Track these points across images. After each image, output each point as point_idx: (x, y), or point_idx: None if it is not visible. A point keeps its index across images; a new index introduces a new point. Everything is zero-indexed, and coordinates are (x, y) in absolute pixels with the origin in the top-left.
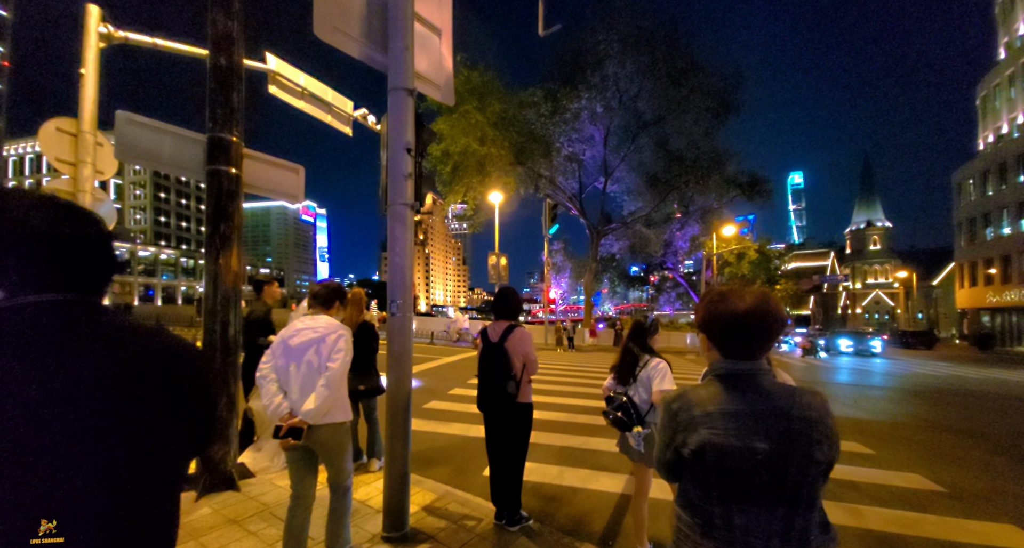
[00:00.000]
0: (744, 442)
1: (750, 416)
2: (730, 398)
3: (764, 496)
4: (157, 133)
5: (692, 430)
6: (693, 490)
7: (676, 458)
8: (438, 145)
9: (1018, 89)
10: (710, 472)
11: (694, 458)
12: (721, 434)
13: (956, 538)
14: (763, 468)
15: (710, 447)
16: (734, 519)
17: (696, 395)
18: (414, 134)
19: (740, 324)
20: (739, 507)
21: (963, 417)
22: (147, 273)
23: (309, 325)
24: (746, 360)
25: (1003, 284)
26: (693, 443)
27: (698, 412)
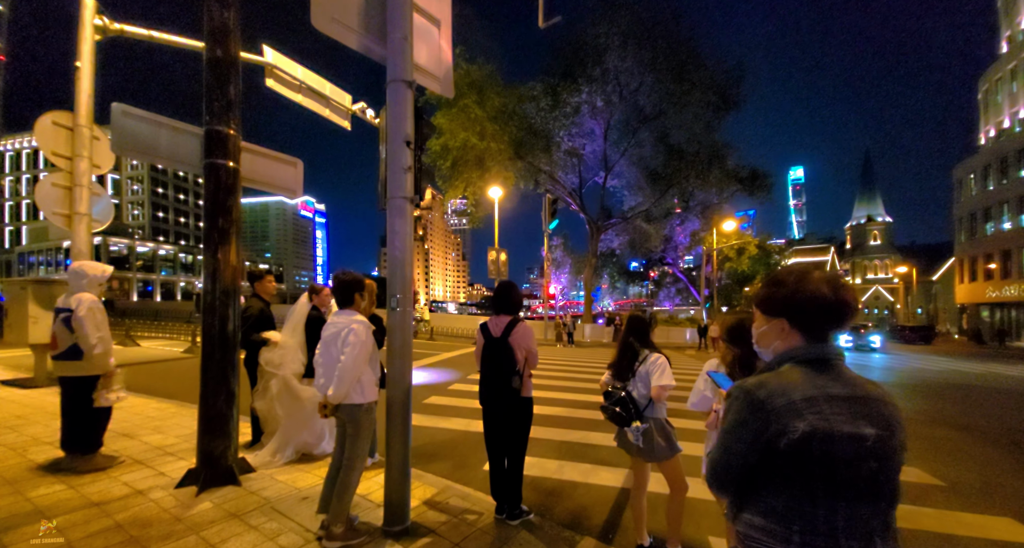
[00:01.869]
0: (854, 428)
1: (854, 400)
2: (827, 382)
3: (870, 489)
4: (153, 126)
5: (794, 417)
6: (784, 492)
7: (760, 458)
8: (437, 140)
9: (1020, 83)
10: (815, 465)
11: (795, 450)
12: (829, 420)
13: (954, 531)
14: (871, 456)
15: (818, 434)
16: (838, 519)
17: (785, 380)
18: (413, 127)
19: (836, 305)
20: (845, 504)
21: (961, 411)
22: (145, 269)
23: (334, 320)
24: (828, 343)
25: (1003, 279)
26: (796, 431)
27: (798, 397)
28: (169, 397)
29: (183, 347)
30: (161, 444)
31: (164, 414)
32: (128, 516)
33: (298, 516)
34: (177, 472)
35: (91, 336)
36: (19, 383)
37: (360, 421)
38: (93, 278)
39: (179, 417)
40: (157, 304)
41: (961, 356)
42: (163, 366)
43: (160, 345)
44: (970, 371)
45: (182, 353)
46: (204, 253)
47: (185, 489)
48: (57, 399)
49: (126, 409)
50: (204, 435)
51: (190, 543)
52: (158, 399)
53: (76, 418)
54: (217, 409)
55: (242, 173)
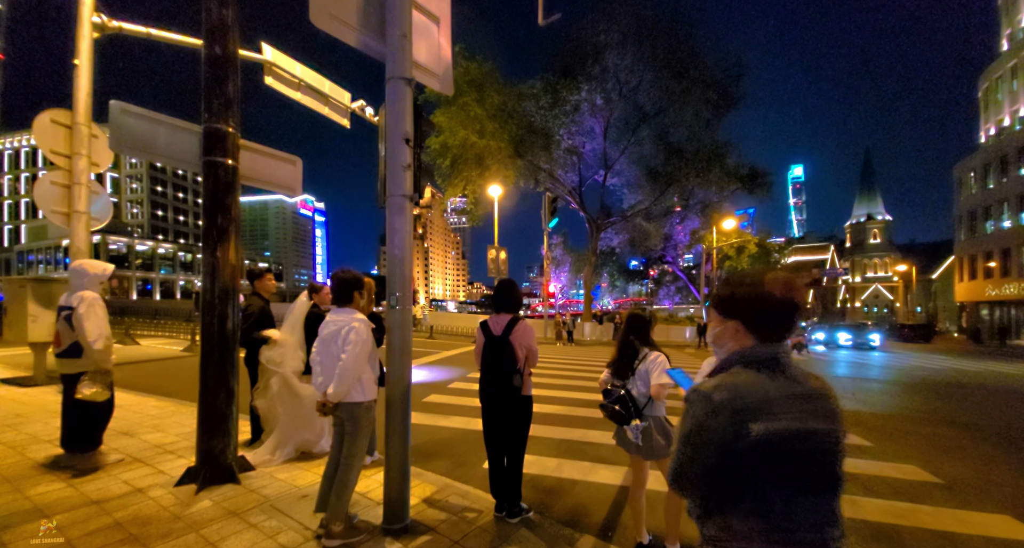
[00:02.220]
0: (805, 425)
1: (803, 398)
2: (779, 382)
3: (821, 481)
4: (152, 123)
5: (751, 419)
6: (745, 490)
7: (720, 460)
8: (437, 138)
9: (1020, 81)
10: (773, 463)
11: (754, 450)
12: (784, 419)
13: (952, 528)
14: (821, 451)
15: (775, 435)
16: (796, 513)
17: (742, 382)
18: (413, 124)
19: (787, 307)
20: (800, 498)
21: (959, 409)
22: (145, 267)
23: (333, 318)
24: (780, 343)
25: (1002, 277)
26: (755, 433)
27: (755, 399)
28: (168, 395)
29: (183, 346)
30: (160, 442)
31: (164, 412)
32: (127, 514)
33: (297, 514)
34: (176, 470)
35: (91, 332)
36: (18, 381)
37: (360, 419)
38: (94, 276)
39: (178, 415)
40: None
41: (960, 355)
42: (163, 365)
43: (160, 344)
44: (969, 369)
45: (182, 351)
46: (203, 251)
47: (184, 487)
48: (56, 397)
49: (126, 407)
50: (203, 433)
51: (189, 541)
52: (157, 397)
53: (77, 416)
54: (216, 407)
55: (241, 171)
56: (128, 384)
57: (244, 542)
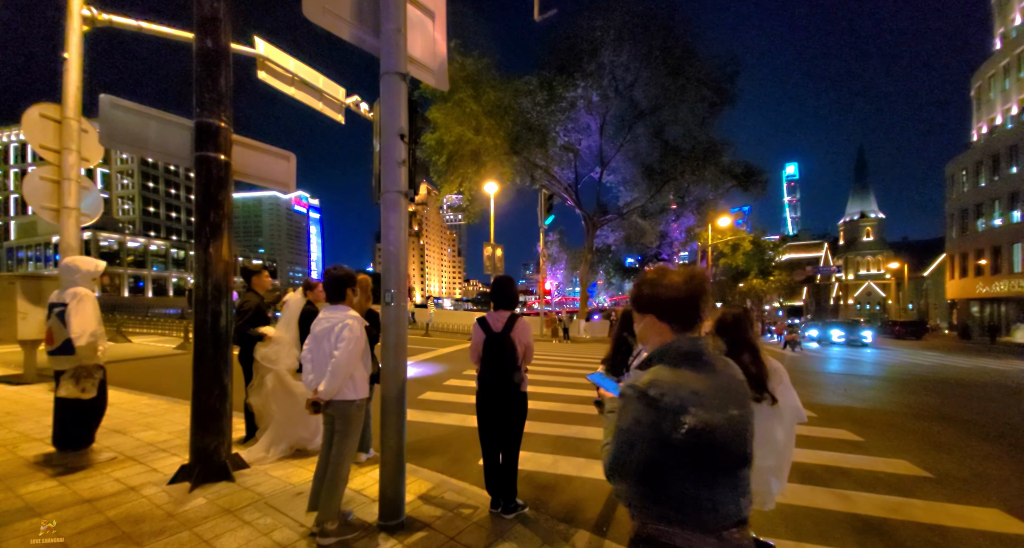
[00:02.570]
0: (727, 412)
1: (723, 387)
2: (703, 374)
3: (738, 461)
4: (142, 118)
5: (683, 411)
6: (677, 478)
7: (655, 451)
8: (432, 134)
9: (1013, 80)
10: (702, 450)
11: (687, 440)
12: (710, 409)
13: (942, 521)
14: (738, 433)
15: (704, 424)
16: (719, 493)
17: (671, 377)
18: (407, 120)
19: (698, 294)
20: (723, 478)
21: (949, 405)
22: (136, 264)
23: (326, 315)
24: (698, 335)
25: (993, 275)
26: (688, 423)
27: (684, 392)
28: (162, 393)
29: (176, 343)
30: (154, 440)
31: (156, 410)
32: (120, 512)
33: (293, 511)
34: (170, 468)
35: (75, 327)
36: (9, 380)
37: (351, 417)
38: (86, 273)
39: (172, 413)
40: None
41: (951, 351)
42: (155, 362)
43: (152, 341)
44: (959, 366)
45: (175, 349)
46: (195, 248)
47: (178, 485)
48: (47, 395)
49: (118, 405)
50: (197, 431)
51: (183, 539)
52: (150, 395)
53: (68, 414)
54: (210, 405)
55: (234, 166)
56: (121, 382)
57: (238, 540)
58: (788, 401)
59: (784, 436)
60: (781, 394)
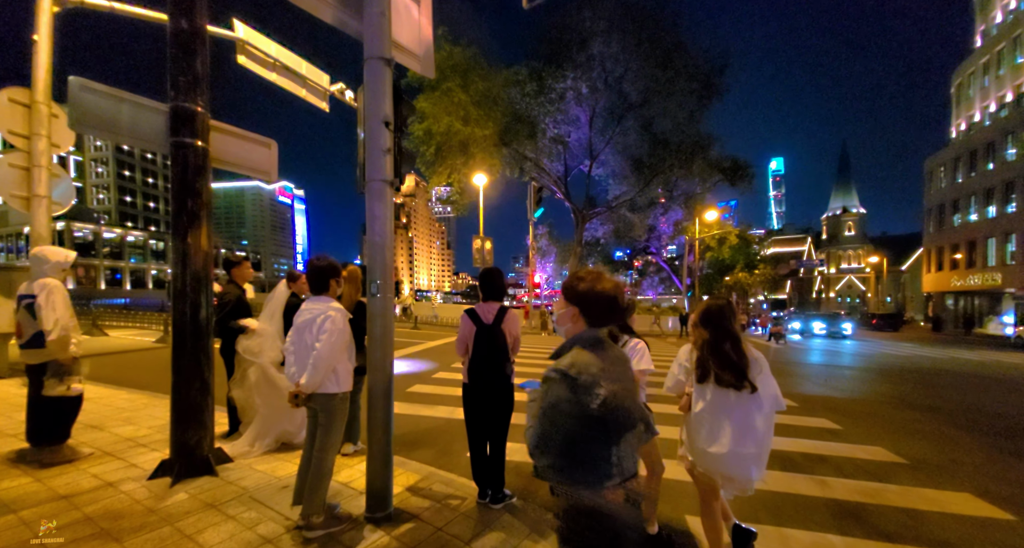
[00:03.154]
0: (623, 385)
1: (618, 365)
2: (605, 355)
3: (631, 423)
4: (114, 101)
5: (597, 385)
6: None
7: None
8: (420, 124)
9: (992, 77)
10: (610, 418)
11: (602, 409)
12: (614, 381)
13: (916, 506)
14: (632, 401)
15: (611, 396)
16: (621, 451)
17: (585, 360)
18: (392, 107)
19: (614, 300)
20: (622, 438)
21: (924, 394)
22: (113, 256)
23: (308, 307)
24: (604, 327)
25: (967, 268)
26: (601, 395)
27: (595, 370)
28: (141, 388)
29: (155, 337)
30: (133, 435)
31: (135, 405)
32: (98, 508)
33: (278, 505)
34: (150, 464)
35: (47, 320)
36: None
37: (334, 411)
38: (55, 264)
39: (151, 408)
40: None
41: (925, 343)
42: (134, 356)
43: (130, 335)
44: (934, 357)
45: (154, 343)
46: (172, 237)
47: (159, 480)
48: (17, 390)
49: (95, 400)
50: (178, 425)
51: (164, 534)
52: (128, 390)
53: (43, 409)
54: (191, 398)
55: (212, 153)
56: (97, 376)
57: (222, 534)
58: (768, 390)
59: (764, 424)
60: (761, 383)
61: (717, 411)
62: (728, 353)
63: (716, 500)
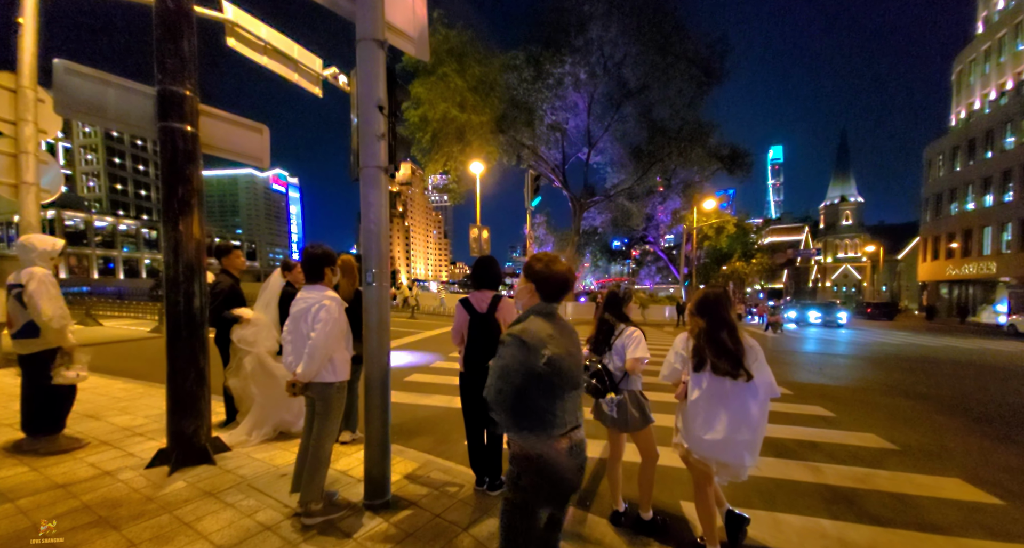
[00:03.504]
0: (567, 349)
1: (567, 335)
2: (555, 324)
3: (575, 383)
4: (100, 85)
5: (543, 347)
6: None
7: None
8: (416, 110)
9: (993, 64)
10: (554, 376)
11: (547, 367)
12: (559, 346)
13: (906, 490)
14: (575, 364)
15: (555, 356)
16: (565, 405)
17: (536, 327)
18: (386, 91)
19: (566, 281)
20: (567, 395)
21: (916, 381)
22: (105, 245)
23: (304, 296)
24: (556, 302)
25: (963, 257)
26: (546, 355)
27: (544, 335)
28: (136, 378)
29: (150, 326)
30: (129, 425)
31: (131, 395)
32: (96, 497)
33: (277, 493)
34: (147, 453)
35: (44, 310)
36: None
37: (331, 400)
38: (43, 251)
39: (147, 397)
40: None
41: (919, 331)
42: (129, 346)
43: (125, 324)
44: (928, 345)
45: (149, 332)
46: (163, 225)
47: (156, 469)
48: (13, 380)
49: (90, 390)
50: (174, 415)
51: (163, 522)
52: (124, 380)
53: (38, 399)
54: (186, 387)
55: (202, 139)
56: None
57: (221, 521)
58: (763, 377)
59: (758, 411)
60: (756, 371)
61: (713, 399)
62: (724, 342)
63: (710, 486)
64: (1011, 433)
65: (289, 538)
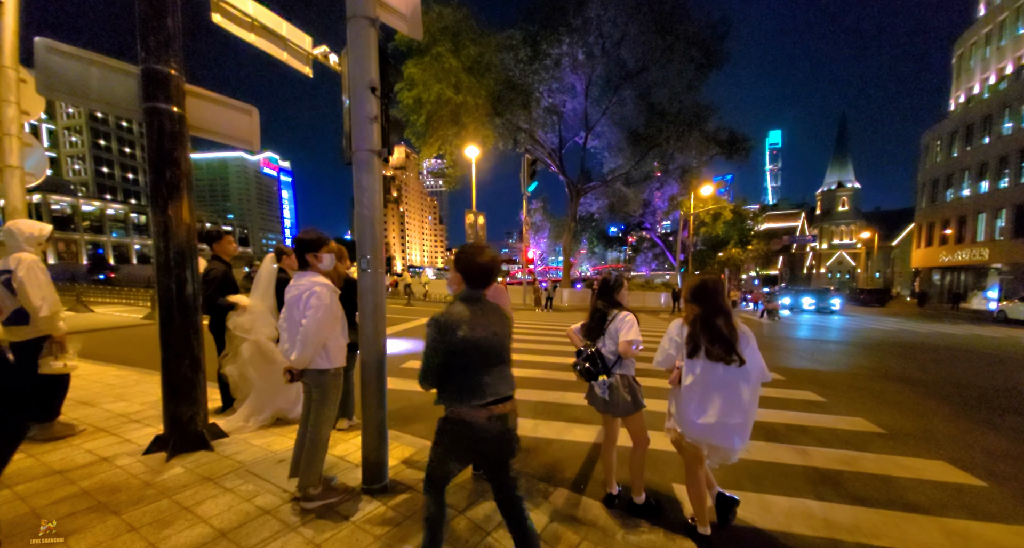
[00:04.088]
0: (484, 331)
1: (488, 316)
2: (476, 308)
3: (495, 359)
4: (83, 63)
5: (458, 328)
6: (457, 372)
7: (444, 358)
8: (410, 92)
9: (993, 48)
10: (469, 352)
11: (460, 345)
12: (475, 327)
13: (891, 472)
14: (494, 343)
15: (468, 336)
16: (483, 378)
17: (456, 310)
18: (379, 71)
19: (486, 269)
20: (484, 368)
21: (906, 367)
22: (94, 230)
23: (295, 282)
24: (480, 289)
25: (956, 244)
26: (459, 335)
27: (460, 318)
28: (131, 364)
29: (143, 313)
30: (125, 411)
31: (126, 382)
32: (94, 482)
33: (275, 478)
34: (144, 439)
35: (34, 297)
36: None
37: (326, 387)
38: (30, 237)
39: (143, 384)
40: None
41: (910, 317)
42: (122, 333)
43: (117, 311)
44: (918, 331)
45: (142, 319)
46: (152, 209)
47: (154, 455)
48: None
49: (84, 377)
50: (170, 401)
51: (163, 506)
52: (118, 367)
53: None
54: (182, 374)
55: (189, 120)
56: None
57: (220, 506)
58: (754, 362)
59: (750, 395)
60: (748, 356)
61: (707, 384)
62: (720, 328)
63: (701, 469)
64: (996, 418)
65: (288, 521)
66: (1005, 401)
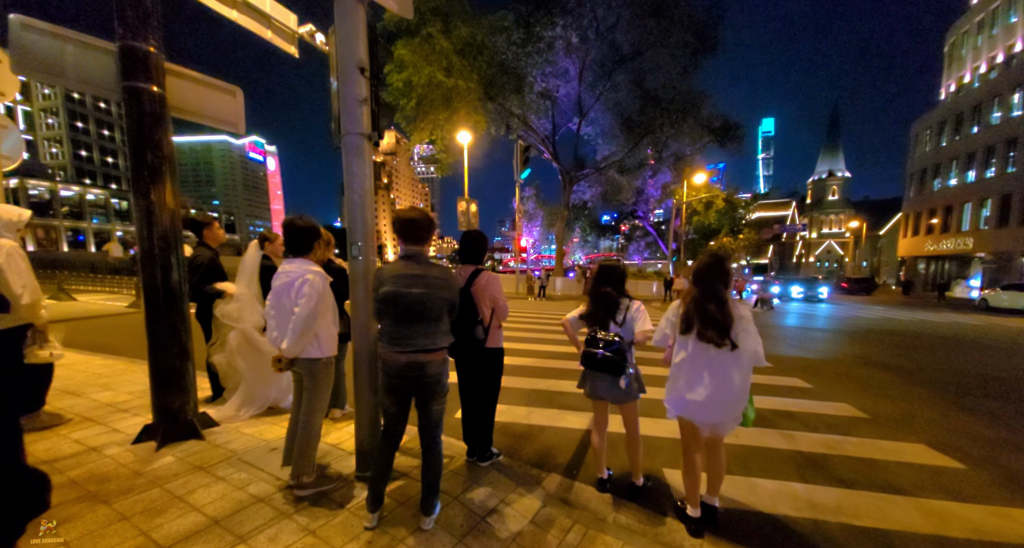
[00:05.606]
0: (411, 289)
1: (417, 276)
2: (407, 265)
3: (416, 316)
4: (59, 41)
5: (380, 286)
6: (383, 321)
7: (377, 305)
8: (400, 75)
9: (985, 36)
10: (390, 305)
11: (383, 298)
12: (398, 284)
13: (872, 455)
14: (418, 301)
15: (392, 291)
16: (401, 329)
17: (391, 266)
18: (367, 51)
19: (408, 222)
20: (403, 322)
21: (890, 354)
22: (74, 216)
23: (285, 269)
24: (414, 246)
25: (942, 233)
26: (383, 289)
27: (389, 274)
28: (117, 353)
29: (127, 301)
30: (112, 401)
31: (112, 371)
32: (83, 472)
33: (268, 466)
34: (132, 429)
35: (14, 284)
36: None
37: (318, 376)
38: (9, 223)
39: (129, 373)
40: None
41: (895, 306)
42: (107, 321)
43: (100, 299)
44: (901, 318)
45: (127, 307)
46: (134, 194)
47: (143, 444)
48: None
49: (69, 366)
50: (159, 390)
51: (154, 495)
52: (103, 356)
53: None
54: (169, 362)
55: (170, 101)
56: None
57: (213, 494)
58: (749, 346)
59: (740, 378)
60: (743, 340)
61: (697, 362)
62: (713, 313)
63: (697, 451)
64: (975, 402)
65: (282, 509)
66: (984, 387)
